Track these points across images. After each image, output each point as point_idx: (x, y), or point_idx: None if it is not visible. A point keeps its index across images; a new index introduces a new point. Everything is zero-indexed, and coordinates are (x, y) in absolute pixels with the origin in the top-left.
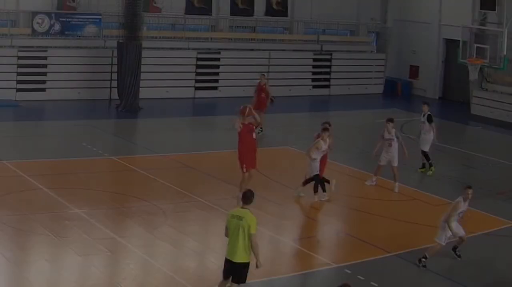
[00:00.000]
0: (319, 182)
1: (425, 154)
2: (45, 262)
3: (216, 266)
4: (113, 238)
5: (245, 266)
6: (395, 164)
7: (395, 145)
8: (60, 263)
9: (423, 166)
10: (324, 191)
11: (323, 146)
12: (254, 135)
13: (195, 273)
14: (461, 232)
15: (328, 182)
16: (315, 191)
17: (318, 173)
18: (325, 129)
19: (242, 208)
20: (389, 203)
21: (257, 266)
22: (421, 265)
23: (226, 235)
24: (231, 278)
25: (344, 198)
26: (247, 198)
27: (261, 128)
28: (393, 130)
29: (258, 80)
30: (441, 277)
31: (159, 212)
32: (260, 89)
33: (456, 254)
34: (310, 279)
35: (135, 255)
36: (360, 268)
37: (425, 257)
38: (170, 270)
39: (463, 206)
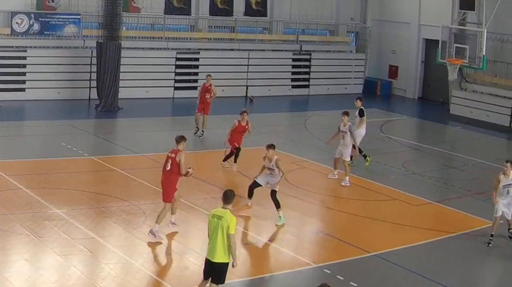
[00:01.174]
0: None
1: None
2: (25, 262)
3: (196, 266)
4: (93, 238)
5: (224, 266)
6: (346, 158)
7: (347, 138)
8: (40, 263)
9: (364, 156)
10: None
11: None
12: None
13: (175, 273)
14: (507, 212)
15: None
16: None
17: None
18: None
19: (222, 207)
20: (369, 202)
21: (233, 266)
22: (488, 243)
23: (209, 235)
24: (210, 278)
25: (323, 197)
26: (227, 198)
27: (202, 131)
28: (348, 124)
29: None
30: (421, 276)
31: (138, 212)
32: (206, 90)
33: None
34: (290, 279)
35: (115, 255)
36: (340, 268)
37: (492, 236)
38: (150, 270)
39: (504, 180)
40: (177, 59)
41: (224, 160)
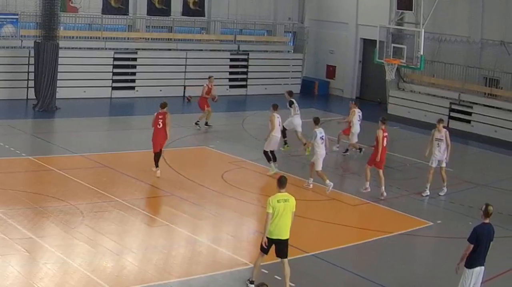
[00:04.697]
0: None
1: (284, 133)
2: None
3: (133, 265)
4: (31, 237)
5: (288, 241)
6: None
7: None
8: None
9: (285, 143)
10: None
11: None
12: None
13: (112, 273)
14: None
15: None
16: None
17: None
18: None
19: (280, 192)
20: (307, 203)
21: None
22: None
23: (268, 219)
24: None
25: (261, 197)
26: (283, 183)
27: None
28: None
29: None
30: (359, 276)
31: (76, 212)
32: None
33: None
34: (228, 279)
35: (53, 255)
36: (277, 268)
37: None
38: (87, 270)
39: (437, 134)
40: (115, 59)
41: None
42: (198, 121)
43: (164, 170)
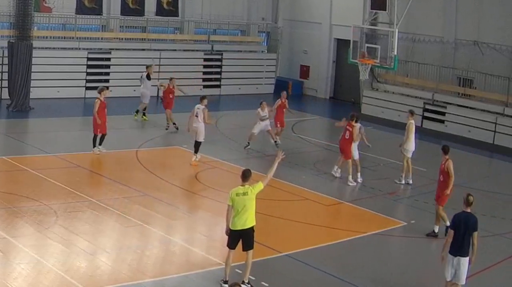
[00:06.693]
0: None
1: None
2: None
3: (107, 265)
4: (4, 237)
5: (253, 229)
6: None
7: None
8: None
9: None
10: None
11: None
12: None
13: (86, 273)
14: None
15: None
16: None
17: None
18: None
19: (242, 185)
20: (280, 202)
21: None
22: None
23: (227, 211)
24: (235, 248)
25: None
26: (245, 176)
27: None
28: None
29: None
30: (333, 277)
31: (50, 212)
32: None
33: None
34: (201, 279)
35: (26, 255)
36: (251, 268)
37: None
38: (61, 270)
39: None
40: (89, 59)
41: None
42: (174, 122)
43: (137, 170)
